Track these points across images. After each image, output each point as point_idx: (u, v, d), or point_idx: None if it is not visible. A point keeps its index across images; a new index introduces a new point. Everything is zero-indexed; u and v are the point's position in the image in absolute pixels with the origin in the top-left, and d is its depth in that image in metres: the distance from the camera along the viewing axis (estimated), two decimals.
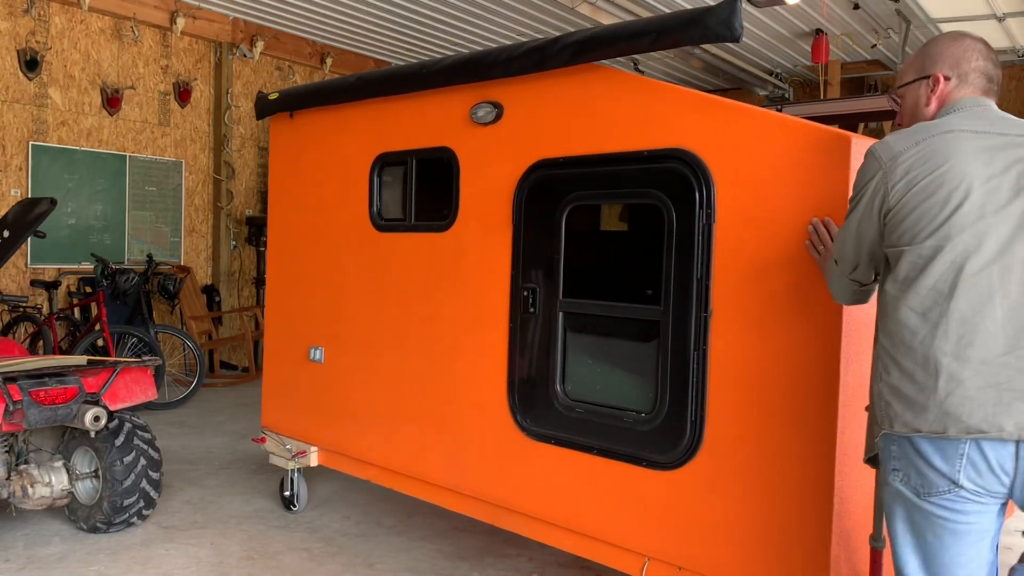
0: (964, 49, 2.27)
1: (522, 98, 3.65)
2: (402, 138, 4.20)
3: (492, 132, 3.76)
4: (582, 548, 3.51)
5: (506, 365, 3.71)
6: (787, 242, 2.86)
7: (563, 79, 3.51)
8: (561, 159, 3.50)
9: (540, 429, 3.58)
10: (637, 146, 3.26)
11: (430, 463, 4.08)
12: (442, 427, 4.02)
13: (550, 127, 3.55)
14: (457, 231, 3.94)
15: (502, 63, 3.62)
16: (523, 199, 3.64)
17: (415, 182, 4.15)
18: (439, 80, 3.92)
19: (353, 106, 4.49)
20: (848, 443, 2.83)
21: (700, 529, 3.09)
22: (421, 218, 4.15)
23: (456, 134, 3.92)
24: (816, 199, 2.79)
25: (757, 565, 2.95)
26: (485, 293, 3.82)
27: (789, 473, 2.87)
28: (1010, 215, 2.02)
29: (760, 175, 2.93)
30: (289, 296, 4.91)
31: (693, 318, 3.08)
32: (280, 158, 4.99)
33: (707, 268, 3.04)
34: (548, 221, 3.55)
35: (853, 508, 2.88)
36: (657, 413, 3.19)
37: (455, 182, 3.92)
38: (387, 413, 4.30)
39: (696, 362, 3.07)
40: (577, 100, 3.46)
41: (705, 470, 3.06)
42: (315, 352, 4.68)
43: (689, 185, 3.09)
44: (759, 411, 2.93)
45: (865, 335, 2.85)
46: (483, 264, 3.83)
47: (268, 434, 4.98)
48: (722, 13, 2.96)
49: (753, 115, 2.96)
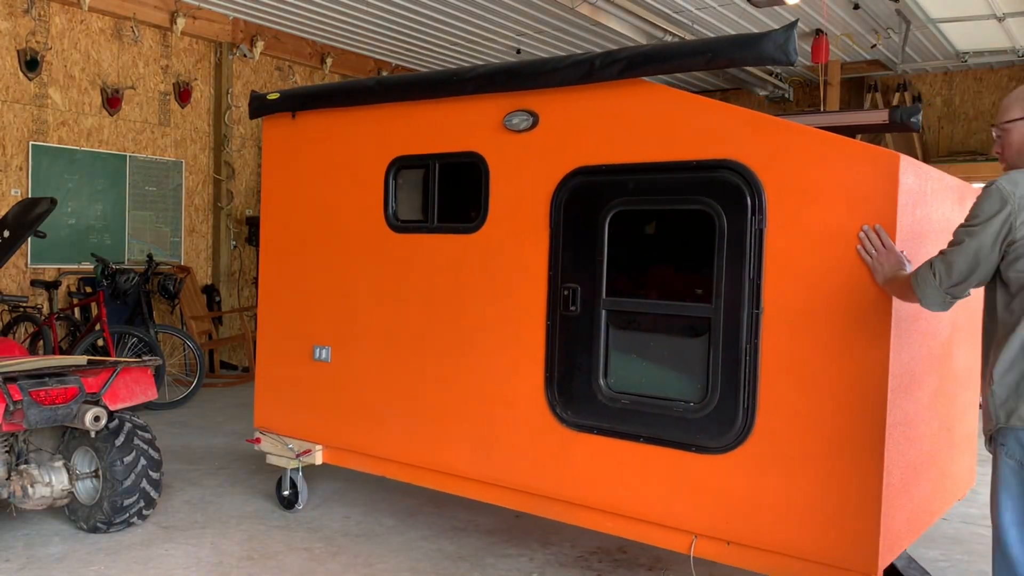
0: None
1: (560, 108, 3.85)
2: (423, 142, 4.32)
3: (526, 139, 3.95)
4: (626, 530, 3.72)
5: (543, 360, 3.89)
6: (835, 247, 3.18)
7: (605, 91, 3.72)
8: (603, 166, 3.71)
9: (581, 420, 3.78)
10: (685, 156, 3.50)
11: (457, 456, 4.18)
12: (471, 421, 4.13)
13: (590, 136, 3.76)
14: (487, 233, 4.09)
15: (542, 74, 3.84)
16: (562, 203, 3.84)
17: (437, 185, 4.26)
18: (470, 88, 4.08)
19: (366, 109, 4.54)
20: (894, 424, 3.14)
21: (748, 506, 3.36)
22: (445, 219, 4.26)
23: (486, 140, 4.08)
24: (866, 209, 3.11)
25: (806, 537, 3.23)
26: (518, 292, 3.98)
27: (837, 453, 3.16)
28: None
29: (810, 186, 3.22)
30: (287, 297, 4.91)
31: (745, 315, 3.36)
32: (276, 157, 4.99)
33: (759, 270, 3.33)
34: (590, 224, 3.75)
35: (898, 485, 3.22)
36: (708, 402, 3.45)
37: (485, 186, 4.08)
38: (408, 409, 4.36)
39: (748, 354, 3.35)
40: (621, 111, 3.67)
41: (755, 453, 3.34)
42: (320, 352, 4.70)
43: (741, 193, 3.36)
44: (808, 398, 3.23)
45: (911, 325, 3.24)
46: (516, 265, 3.99)
47: (264, 434, 4.97)
48: (779, 38, 3.25)
49: (800, 132, 3.26)
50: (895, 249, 3.02)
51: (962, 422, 4.15)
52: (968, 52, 10.51)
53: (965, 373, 4.08)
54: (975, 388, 4.19)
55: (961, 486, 4.24)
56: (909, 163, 3.17)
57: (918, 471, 3.50)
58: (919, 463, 3.50)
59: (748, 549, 3.39)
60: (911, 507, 3.43)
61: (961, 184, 3.89)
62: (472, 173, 4.14)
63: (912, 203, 3.24)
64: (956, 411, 4.01)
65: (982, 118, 11.49)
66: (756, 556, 3.39)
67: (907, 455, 3.33)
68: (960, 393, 4.06)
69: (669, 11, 9.08)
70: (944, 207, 3.63)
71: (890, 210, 3.08)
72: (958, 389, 4.01)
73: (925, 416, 3.55)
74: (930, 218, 3.46)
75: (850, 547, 3.14)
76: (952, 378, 3.90)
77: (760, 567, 3.39)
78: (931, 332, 3.55)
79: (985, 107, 11.51)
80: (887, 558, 3.20)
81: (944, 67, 11.38)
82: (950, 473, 4.00)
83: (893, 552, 3.30)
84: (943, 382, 3.77)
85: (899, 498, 3.27)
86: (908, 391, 3.31)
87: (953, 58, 10.70)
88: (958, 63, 10.85)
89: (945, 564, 4.38)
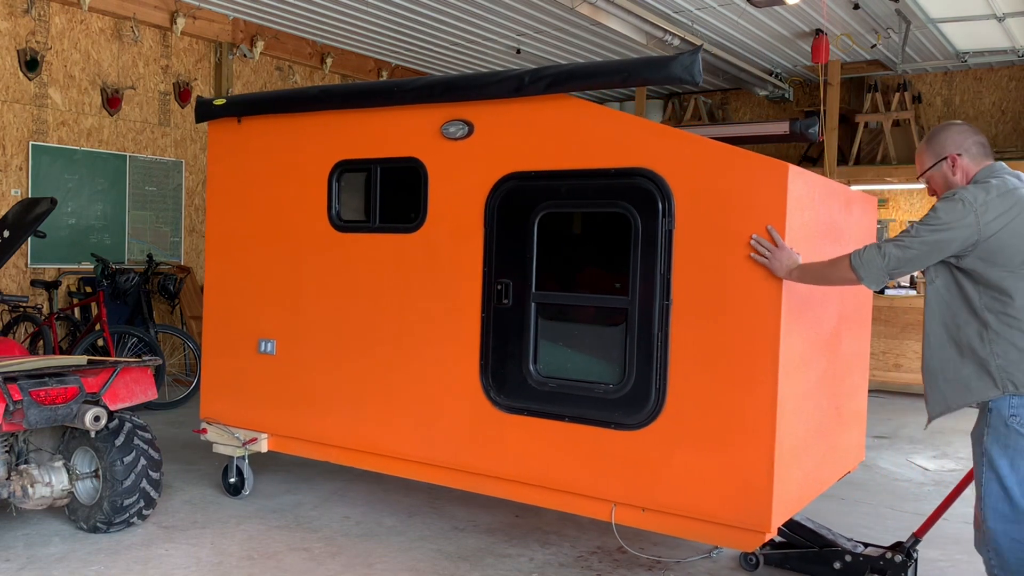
0: (958, 132, 3.17)
1: (493, 118, 4.22)
2: (365, 147, 4.64)
3: (462, 146, 4.30)
4: (553, 501, 4.08)
5: (479, 349, 4.23)
6: (734, 245, 3.60)
7: (534, 105, 4.10)
8: (533, 172, 4.09)
9: (513, 403, 4.14)
10: (605, 164, 3.90)
11: (399, 439, 4.50)
12: (413, 407, 4.45)
13: (521, 145, 4.13)
14: (426, 232, 4.42)
15: (477, 87, 4.19)
16: (495, 206, 4.19)
17: (379, 188, 4.58)
18: (410, 98, 4.40)
19: (310, 115, 4.83)
20: (785, 402, 3.58)
21: (660, 476, 3.77)
22: (386, 220, 4.56)
23: (425, 146, 4.42)
24: (759, 212, 3.54)
25: (711, 500, 3.66)
26: (456, 287, 4.32)
27: (736, 427, 3.60)
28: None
29: (712, 192, 3.65)
30: (232, 294, 5.18)
31: (657, 306, 3.77)
32: (222, 160, 5.25)
33: (668, 266, 3.75)
34: (521, 225, 4.12)
35: (789, 455, 3.68)
36: (625, 384, 3.85)
37: (424, 189, 4.43)
38: (352, 398, 4.67)
39: (659, 341, 3.77)
40: (548, 123, 4.06)
41: (666, 428, 3.77)
42: (266, 345, 5.00)
43: (653, 198, 3.78)
44: (711, 379, 3.65)
45: (799, 315, 3.70)
46: (454, 262, 4.33)
47: (211, 425, 5.19)
48: (686, 61, 3.70)
49: (704, 144, 3.68)
50: (786, 246, 3.47)
51: (851, 401, 4.60)
52: (968, 52, 10.51)
53: (852, 358, 4.57)
54: (862, 371, 4.78)
55: (851, 459, 4.70)
56: (798, 172, 3.60)
57: (808, 444, 3.95)
58: (809, 437, 3.96)
59: (661, 514, 3.81)
60: (802, 475, 3.89)
61: (847, 190, 4.38)
62: (412, 177, 4.46)
63: (800, 207, 3.65)
64: (844, 391, 4.46)
65: (982, 118, 11.49)
66: (668, 520, 3.80)
67: (797, 429, 3.77)
68: (847, 376, 4.51)
69: (669, 11, 9.08)
70: (831, 211, 4.08)
71: (780, 213, 3.50)
72: (846, 372, 4.46)
73: (814, 395, 4.00)
74: (818, 220, 3.90)
75: (748, 509, 3.58)
76: (841, 362, 4.36)
77: (671, 530, 3.81)
78: (818, 320, 3.98)
79: (985, 107, 11.51)
80: (780, 518, 3.65)
81: (944, 67, 11.38)
82: (840, 447, 4.46)
83: (786, 513, 3.74)
84: (831, 365, 4.21)
85: (790, 467, 3.70)
86: (797, 372, 3.74)
87: (953, 58, 10.69)
88: (958, 63, 10.85)
89: (945, 564, 4.38)
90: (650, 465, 3.79)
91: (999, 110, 11.45)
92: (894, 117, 11.08)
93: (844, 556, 3.94)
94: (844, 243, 4.25)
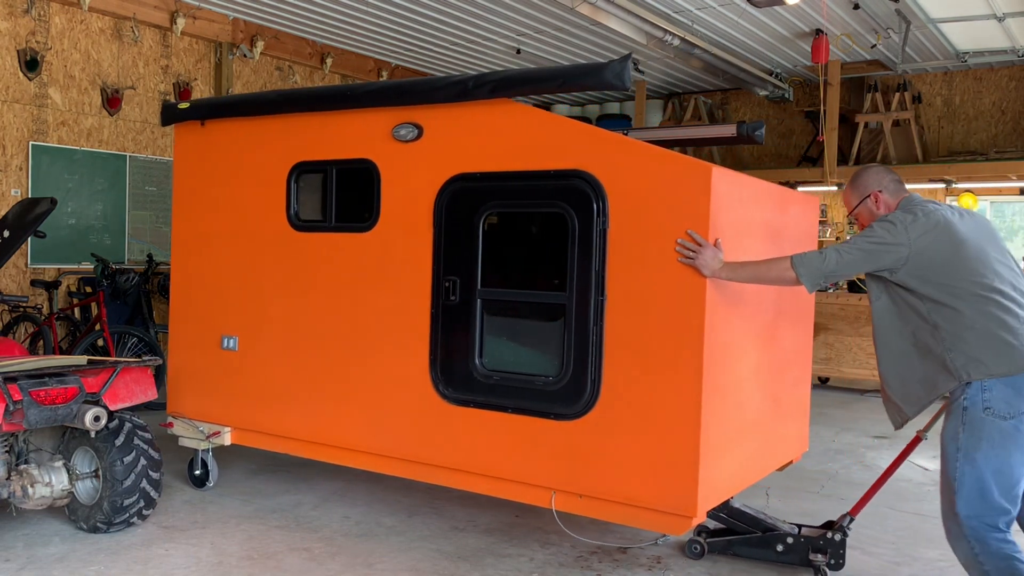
0: (876, 172, 3.61)
1: (441, 121, 4.36)
2: (322, 149, 4.78)
3: (413, 148, 4.45)
4: (498, 490, 4.22)
5: (428, 344, 4.38)
6: (663, 243, 3.77)
7: (479, 109, 4.24)
8: (478, 174, 4.25)
9: (460, 396, 4.28)
10: (544, 166, 4.05)
11: (353, 432, 4.65)
12: (366, 401, 4.60)
13: (467, 147, 4.28)
14: (379, 231, 4.57)
15: (425, 91, 4.35)
16: (443, 206, 4.35)
17: (335, 188, 4.73)
18: (363, 102, 4.56)
19: (270, 118, 4.97)
20: (711, 392, 3.73)
21: (596, 464, 3.92)
22: (342, 220, 4.71)
23: (377, 148, 4.57)
24: (685, 211, 3.71)
25: (641, 486, 3.81)
26: (407, 284, 4.47)
27: (665, 417, 3.75)
28: (989, 246, 3.36)
29: (642, 192, 3.81)
30: (196, 291, 5.32)
31: (592, 301, 3.92)
32: (187, 161, 5.37)
33: (603, 263, 3.90)
34: (467, 224, 4.27)
35: (717, 444, 3.83)
36: (563, 376, 4.01)
37: (376, 189, 4.57)
38: (309, 392, 4.81)
39: (594, 335, 3.92)
40: (492, 126, 4.21)
41: (600, 418, 3.92)
42: (228, 341, 5.13)
43: (589, 198, 3.94)
44: (642, 371, 3.81)
45: (728, 309, 3.87)
46: (405, 260, 4.48)
47: (176, 419, 5.33)
48: (616, 68, 3.89)
49: (636, 147, 3.84)
50: (710, 246, 3.63)
51: (792, 393, 4.75)
52: (968, 52, 10.51)
53: (792, 353, 4.73)
54: (804, 365, 4.93)
55: (793, 449, 4.85)
56: (723, 173, 3.78)
57: (742, 432, 4.10)
58: (742, 425, 4.09)
59: (597, 500, 3.95)
60: (733, 464, 4.03)
61: (785, 191, 4.58)
62: (365, 178, 4.62)
63: (726, 206, 3.80)
64: (784, 383, 4.62)
65: (982, 118, 11.50)
66: (603, 506, 3.94)
67: (726, 417, 3.91)
68: (787, 368, 4.66)
69: (669, 11, 9.09)
70: (764, 211, 4.26)
71: (704, 212, 3.67)
72: (785, 365, 4.61)
73: (747, 386, 4.13)
74: (748, 219, 4.08)
75: (676, 496, 3.73)
76: (779, 355, 4.52)
77: (606, 516, 3.95)
78: (751, 315, 4.14)
79: (985, 107, 11.51)
80: (707, 504, 3.81)
81: (944, 67, 11.38)
82: (780, 437, 4.60)
83: (715, 499, 3.89)
84: (767, 357, 4.36)
85: (718, 455, 3.84)
86: (726, 364, 3.88)
87: (953, 58, 10.70)
88: (958, 63, 10.85)
89: (944, 564, 4.38)
90: (586, 454, 3.94)
91: (999, 110, 11.45)
92: (894, 117, 11.08)
93: (786, 538, 4.16)
94: (782, 242, 4.42)
